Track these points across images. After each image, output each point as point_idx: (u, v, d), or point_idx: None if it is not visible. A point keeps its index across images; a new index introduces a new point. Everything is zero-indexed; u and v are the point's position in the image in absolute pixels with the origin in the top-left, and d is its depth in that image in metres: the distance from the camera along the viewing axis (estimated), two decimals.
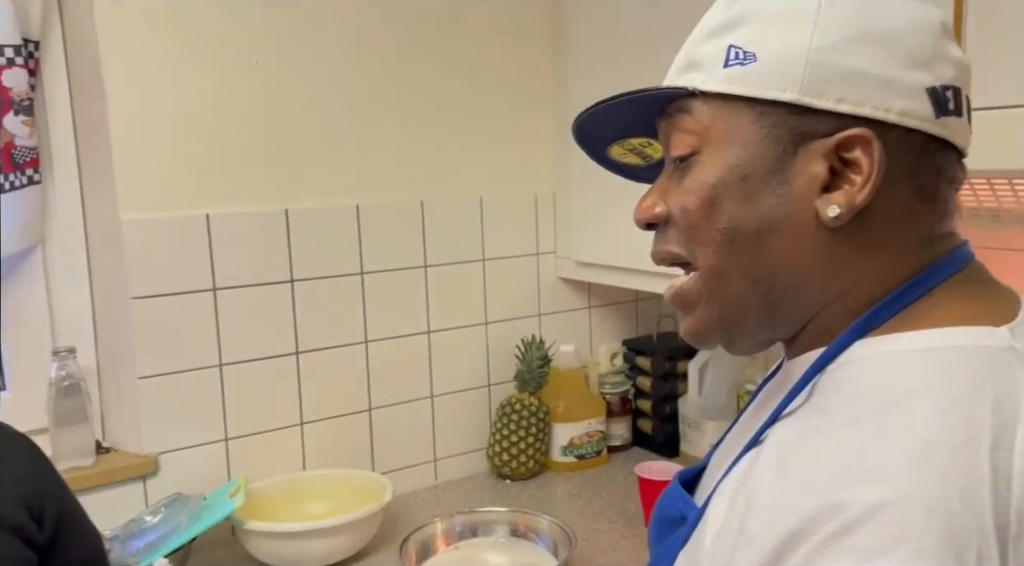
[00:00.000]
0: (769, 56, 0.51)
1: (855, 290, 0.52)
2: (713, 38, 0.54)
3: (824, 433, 0.47)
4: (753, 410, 0.63)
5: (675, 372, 1.74)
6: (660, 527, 0.62)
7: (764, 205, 0.52)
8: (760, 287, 0.54)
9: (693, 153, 0.54)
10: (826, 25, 0.50)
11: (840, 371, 0.51)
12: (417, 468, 1.61)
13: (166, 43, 1.30)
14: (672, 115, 0.56)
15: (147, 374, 1.33)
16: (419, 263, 1.57)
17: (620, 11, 1.49)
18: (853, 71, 0.50)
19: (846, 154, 0.50)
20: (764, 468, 0.49)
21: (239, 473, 1.40)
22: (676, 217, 0.56)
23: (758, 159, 0.52)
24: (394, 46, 1.51)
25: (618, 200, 1.59)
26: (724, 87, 0.52)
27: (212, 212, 1.36)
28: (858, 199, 0.50)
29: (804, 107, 0.50)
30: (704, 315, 0.56)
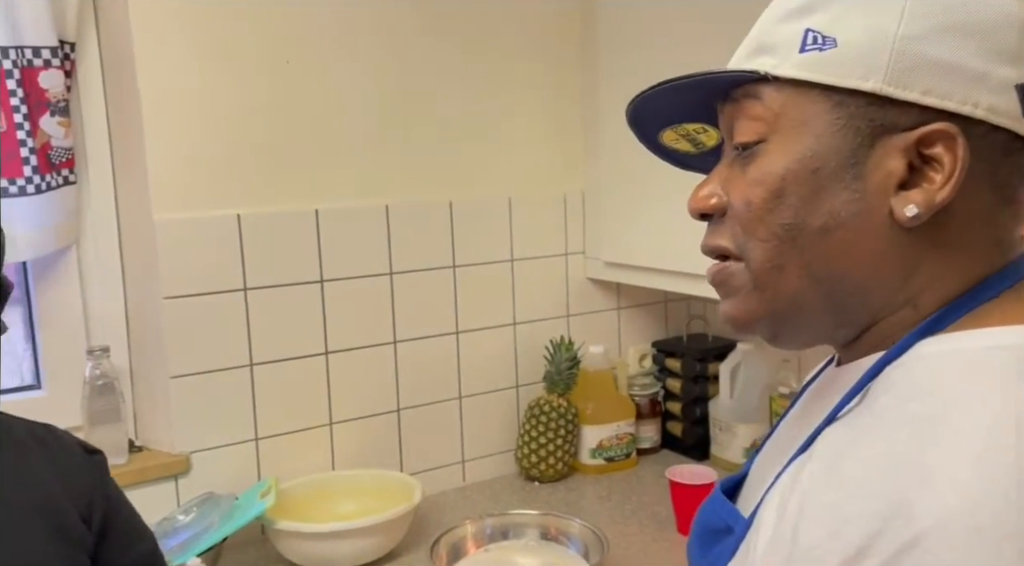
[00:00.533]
0: (851, 42, 0.48)
1: (925, 293, 0.50)
2: (788, 21, 0.50)
3: (878, 434, 0.45)
4: (796, 416, 0.61)
5: (705, 374, 1.71)
6: (703, 538, 0.60)
7: (835, 200, 0.49)
8: (822, 286, 0.51)
9: (760, 141, 0.51)
10: (914, 12, 0.47)
11: (897, 371, 0.49)
12: (445, 469, 1.60)
13: (199, 44, 1.31)
14: (739, 100, 0.53)
15: (179, 374, 1.33)
16: (448, 263, 1.56)
17: (650, 9, 1.48)
18: (941, 62, 0.47)
19: (927, 150, 0.48)
20: (815, 473, 0.47)
21: (268, 473, 1.41)
22: (737, 209, 0.53)
23: (832, 151, 0.49)
24: (423, 46, 1.50)
25: (647, 200, 1.58)
26: (799, 73, 0.49)
27: (243, 212, 1.36)
28: (938, 198, 0.47)
29: (885, 98, 0.47)
30: (749, 305, 0.54)
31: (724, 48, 1.36)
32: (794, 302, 0.52)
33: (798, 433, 0.55)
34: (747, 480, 0.63)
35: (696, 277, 1.48)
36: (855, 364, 0.53)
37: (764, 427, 1.60)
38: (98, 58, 1.33)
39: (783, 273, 0.51)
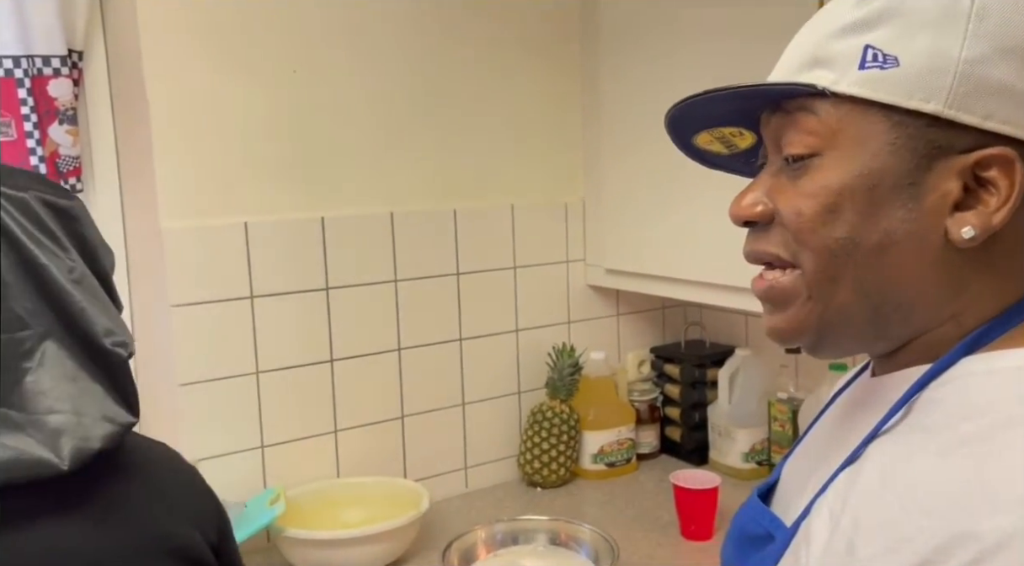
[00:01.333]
0: (914, 62, 0.48)
1: (969, 310, 0.51)
2: (846, 36, 0.50)
3: (933, 453, 0.46)
4: (833, 424, 0.61)
5: (704, 380, 1.74)
6: (742, 544, 0.61)
7: (890, 219, 0.50)
8: (871, 300, 0.52)
9: (813, 154, 0.51)
10: (977, 34, 0.47)
11: (944, 388, 0.50)
12: (448, 476, 1.61)
13: (207, 52, 1.32)
14: (792, 112, 0.52)
15: (186, 381, 1.34)
16: (451, 271, 1.58)
17: (650, 20, 1.50)
18: (1003, 86, 0.47)
19: (982, 173, 0.48)
20: (868, 487, 0.48)
21: (274, 480, 1.41)
22: (787, 219, 0.52)
23: (889, 170, 0.49)
24: (428, 57, 1.52)
25: (647, 208, 1.61)
26: (860, 91, 0.49)
27: (250, 220, 1.37)
28: (994, 220, 0.48)
29: (945, 120, 0.48)
30: (800, 316, 0.54)
31: (726, 58, 1.39)
32: (842, 314, 0.52)
33: (838, 443, 0.56)
34: (780, 485, 0.64)
35: (694, 284, 1.50)
36: (897, 376, 0.54)
37: (763, 432, 1.63)
38: (105, 66, 1.34)
39: (836, 285, 0.51)
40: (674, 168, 1.48)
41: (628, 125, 1.59)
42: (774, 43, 1.26)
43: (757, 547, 0.58)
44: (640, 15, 1.53)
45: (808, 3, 1.18)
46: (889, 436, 0.50)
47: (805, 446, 0.65)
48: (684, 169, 1.44)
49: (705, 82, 1.54)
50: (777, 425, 1.60)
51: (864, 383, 0.60)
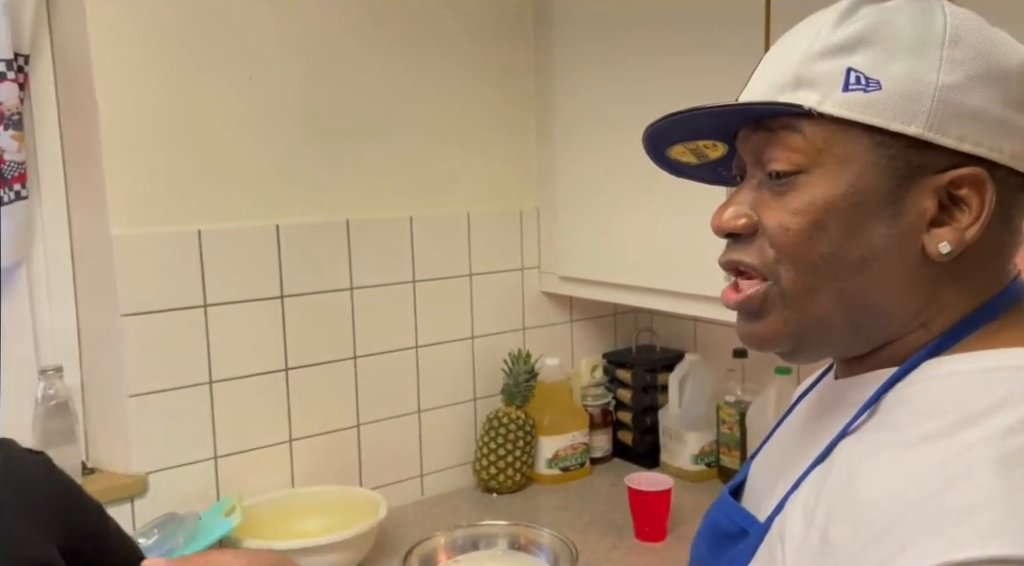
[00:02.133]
0: (895, 86, 0.50)
1: (938, 317, 0.54)
2: (828, 58, 0.52)
3: (899, 448, 0.49)
4: (802, 425, 0.64)
5: (655, 384, 1.78)
6: (714, 541, 0.63)
7: (872, 235, 0.52)
8: (850, 310, 0.54)
9: (799, 171, 0.53)
10: (952, 61, 0.50)
11: (909, 389, 0.53)
12: (404, 483, 1.61)
13: (160, 58, 1.30)
14: (776, 130, 0.54)
15: (137, 392, 1.31)
16: (407, 278, 1.58)
17: (603, 26, 1.54)
18: (975, 110, 0.50)
19: (956, 191, 0.51)
20: (839, 483, 0.50)
21: (228, 491, 1.39)
22: (773, 233, 0.54)
23: (872, 188, 0.51)
24: (382, 64, 1.52)
25: (599, 216, 1.64)
26: (846, 112, 0.51)
27: (204, 228, 1.35)
28: (967, 236, 0.51)
29: (924, 142, 0.50)
30: (777, 325, 0.55)
31: (678, 60, 1.43)
32: (820, 323, 0.55)
33: (807, 442, 0.58)
34: (748, 483, 0.67)
35: (645, 290, 1.54)
36: (862, 378, 0.57)
37: (712, 434, 1.68)
38: (52, 71, 1.30)
39: (814, 297, 0.54)
40: (626, 176, 1.52)
41: (582, 132, 1.62)
42: (726, 46, 1.31)
43: (730, 543, 0.60)
44: (593, 21, 1.56)
45: (755, 3, 1.23)
46: (857, 434, 0.53)
47: (772, 446, 0.67)
48: (637, 177, 1.49)
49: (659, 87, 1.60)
50: (725, 428, 1.65)
51: (829, 385, 0.62)
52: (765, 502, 0.59)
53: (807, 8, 1.24)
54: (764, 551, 0.55)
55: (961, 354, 0.53)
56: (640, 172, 1.50)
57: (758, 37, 1.23)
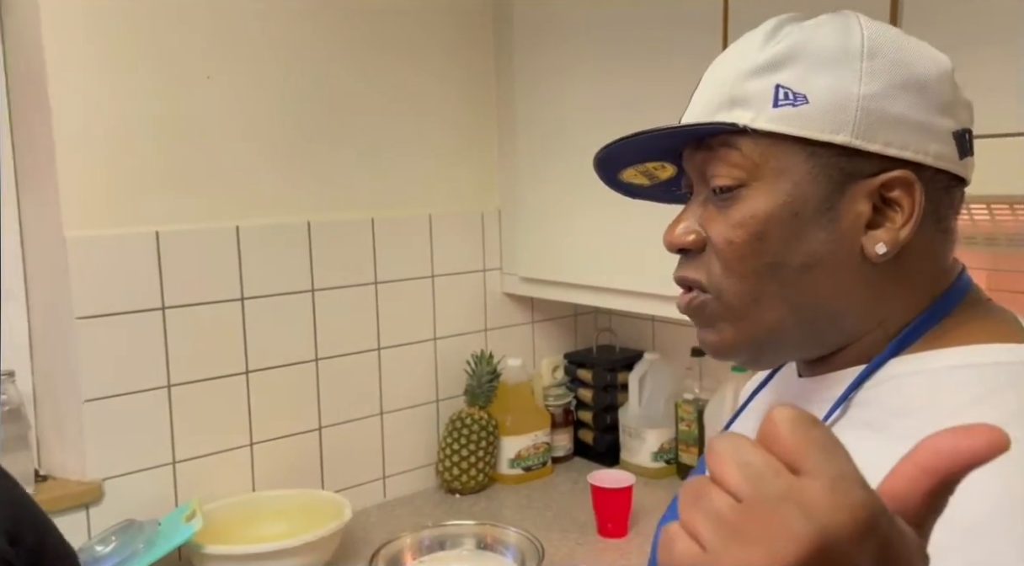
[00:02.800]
0: (821, 99, 0.53)
1: (892, 316, 0.56)
2: (758, 76, 0.55)
3: (878, 447, 0.49)
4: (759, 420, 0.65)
5: (615, 383, 1.80)
6: None
7: (812, 241, 0.54)
8: (803, 314, 0.56)
9: (739, 186, 0.56)
10: (872, 71, 0.53)
11: (878, 388, 0.55)
12: (367, 486, 1.60)
13: (115, 58, 1.27)
14: (716, 148, 0.57)
15: (92, 397, 1.28)
16: (369, 280, 1.58)
17: (563, 29, 1.55)
18: (897, 117, 0.53)
19: (888, 194, 0.54)
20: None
21: (187, 497, 1.37)
22: (718, 246, 0.57)
23: (809, 196, 0.54)
24: (344, 67, 1.52)
25: (560, 218, 1.66)
26: (777, 127, 0.54)
27: (161, 229, 1.33)
28: (901, 236, 0.54)
29: (852, 149, 0.53)
30: (729, 334, 0.58)
31: (637, 64, 1.45)
32: (774, 330, 0.57)
33: None
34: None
35: (605, 290, 1.57)
36: (829, 377, 0.59)
37: (670, 432, 1.71)
38: (2, 70, 1.27)
39: (759, 305, 0.56)
40: (586, 178, 1.53)
41: (543, 135, 1.63)
42: (685, 51, 1.34)
43: None
44: (552, 26, 1.58)
45: (712, 6, 1.26)
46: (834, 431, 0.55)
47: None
48: (596, 179, 1.51)
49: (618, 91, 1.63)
50: (684, 425, 1.68)
51: (793, 383, 0.64)
52: None
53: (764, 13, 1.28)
54: None
55: (926, 352, 0.55)
56: None
57: (716, 42, 1.26)
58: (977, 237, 0.94)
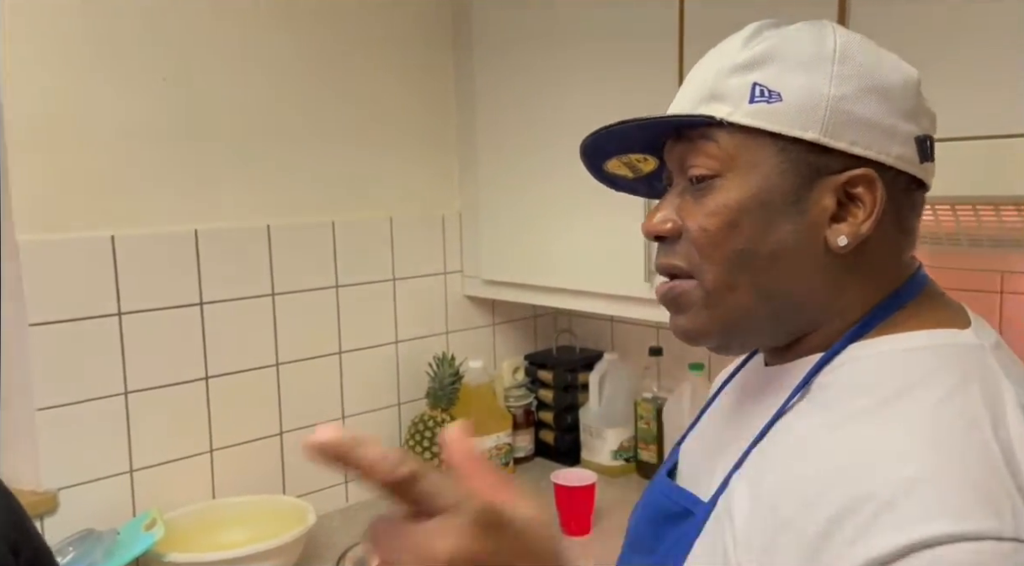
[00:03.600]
0: (793, 98, 0.57)
1: (851, 306, 0.60)
2: (737, 74, 0.58)
3: (833, 426, 0.54)
4: (733, 409, 0.68)
5: (575, 384, 1.83)
6: (658, 522, 0.67)
7: (780, 231, 0.58)
8: (770, 302, 0.59)
9: (714, 176, 0.59)
10: (842, 75, 0.57)
11: (836, 371, 0.58)
12: (329, 491, 1.60)
13: (71, 59, 1.25)
14: (694, 140, 0.60)
15: (45, 405, 1.25)
16: (331, 283, 1.57)
17: (523, 33, 1.57)
18: (864, 119, 0.57)
19: (852, 190, 0.58)
20: (781, 459, 0.55)
21: (144, 505, 1.35)
22: (693, 234, 0.60)
23: (778, 189, 0.58)
24: (303, 70, 1.51)
25: (520, 220, 1.68)
26: (752, 121, 0.57)
27: (117, 233, 1.31)
28: (863, 230, 0.57)
29: (821, 146, 0.57)
30: (703, 320, 0.61)
31: (595, 67, 1.48)
32: (743, 317, 0.60)
33: (743, 424, 0.63)
34: (681, 467, 0.71)
35: (564, 292, 1.59)
36: (792, 365, 0.62)
37: (630, 430, 1.74)
38: None
39: (734, 292, 0.59)
40: (546, 180, 1.57)
41: (502, 137, 1.65)
42: (642, 56, 1.37)
43: (674, 523, 0.64)
44: (511, 28, 1.59)
45: (668, 11, 1.30)
46: (792, 414, 0.59)
47: (701, 431, 0.72)
48: (556, 181, 1.54)
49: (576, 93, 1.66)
50: (643, 423, 1.71)
51: (759, 372, 0.67)
52: (704, 482, 0.63)
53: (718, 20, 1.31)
54: (712, 527, 0.59)
55: (880, 337, 0.59)
56: (559, 176, 1.56)
57: (672, 47, 1.30)
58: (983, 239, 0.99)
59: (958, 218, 1.00)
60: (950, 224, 1.02)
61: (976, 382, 0.53)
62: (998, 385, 0.53)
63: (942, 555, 0.44)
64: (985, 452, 0.49)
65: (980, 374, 0.54)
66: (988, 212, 0.98)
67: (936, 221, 1.02)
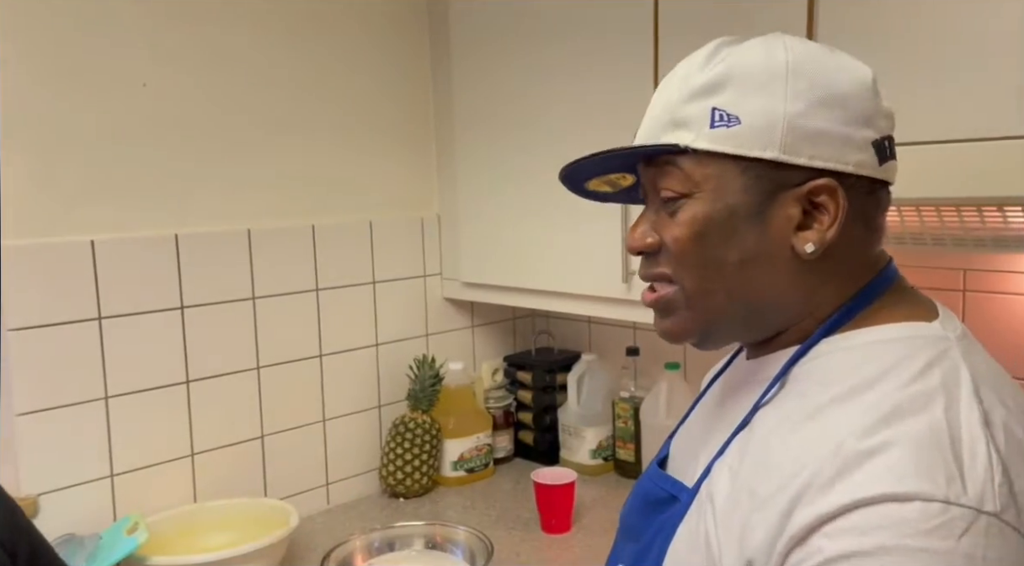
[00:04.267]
0: (751, 120, 0.60)
1: (821, 306, 0.64)
2: (695, 100, 0.62)
3: (809, 412, 0.58)
4: (717, 402, 0.73)
5: (554, 384, 1.85)
6: (646, 508, 0.71)
7: (746, 241, 0.62)
8: (743, 305, 0.64)
9: (683, 196, 0.63)
10: (796, 92, 0.60)
11: (810, 363, 0.63)
12: (310, 493, 1.60)
13: (49, 63, 1.25)
14: (661, 165, 0.64)
15: (25, 411, 1.25)
16: (311, 287, 1.58)
17: (500, 34, 1.58)
18: (820, 132, 0.60)
19: (815, 199, 0.61)
20: (760, 446, 0.59)
21: (125, 510, 1.34)
22: (669, 245, 0.65)
23: (742, 204, 0.62)
24: (281, 74, 1.52)
25: (498, 223, 1.70)
26: (714, 146, 0.61)
27: (97, 238, 1.31)
28: (828, 236, 0.61)
29: (781, 163, 0.60)
30: (685, 321, 0.66)
31: (572, 66, 1.50)
32: (720, 318, 0.65)
33: (725, 416, 0.68)
34: (672, 457, 0.75)
35: (543, 293, 1.61)
36: (768, 358, 0.67)
37: (608, 429, 1.76)
38: None
39: (710, 295, 0.64)
40: (524, 183, 1.59)
41: (480, 140, 1.66)
42: (617, 53, 1.40)
43: (661, 508, 0.68)
44: (487, 29, 1.60)
45: (644, 8, 1.32)
46: (771, 405, 0.63)
47: (691, 422, 0.77)
48: (534, 184, 1.56)
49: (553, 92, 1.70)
50: (621, 422, 1.74)
51: (741, 365, 0.72)
52: (690, 470, 0.68)
53: (691, 16, 1.34)
54: (694, 511, 0.63)
55: (850, 332, 0.63)
56: (537, 179, 1.58)
57: (646, 43, 1.32)
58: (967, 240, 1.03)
59: (923, 219, 1.04)
60: (915, 224, 1.06)
61: (938, 368, 0.58)
62: (957, 374, 0.58)
63: (876, 511, 0.50)
64: (932, 427, 0.54)
65: (942, 363, 0.58)
66: (950, 213, 1.02)
67: (901, 221, 1.06)
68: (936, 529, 0.49)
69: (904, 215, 1.06)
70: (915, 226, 1.06)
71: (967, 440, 0.54)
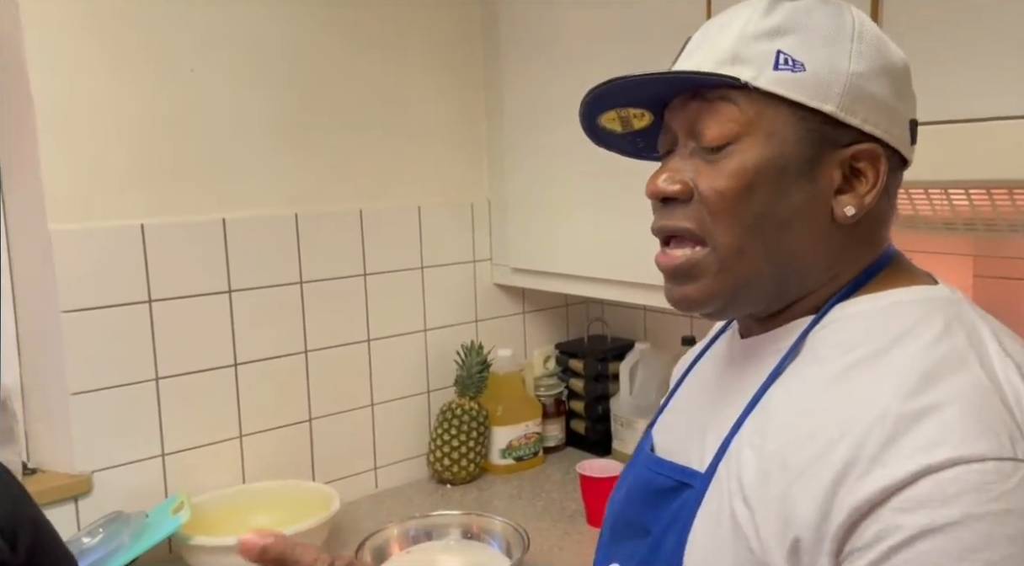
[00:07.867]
0: (817, 69, 0.57)
1: (841, 274, 0.61)
2: (761, 40, 0.58)
3: (833, 378, 0.55)
4: (715, 381, 0.68)
5: (606, 373, 1.80)
6: (649, 499, 0.65)
7: (793, 198, 0.58)
8: (778, 267, 0.60)
9: (730, 141, 0.58)
10: (860, 53, 0.58)
11: (825, 329, 0.60)
12: (358, 477, 1.61)
13: (98, 50, 1.27)
14: (712, 101, 0.59)
15: (79, 390, 1.28)
16: (359, 271, 1.57)
17: (551, 20, 1.55)
18: (874, 97, 0.58)
19: (856, 164, 0.59)
20: (784, 417, 0.56)
21: (176, 489, 1.37)
22: (708, 197, 0.59)
23: (793, 157, 0.58)
24: (331, 57, 1.51)
25: (550, 208, 1.66)
26: (776, 88, 0.57)
27: (147, 222, 1.33)
28: (867, 201, 0.59)
29: (835, 119, 0.57)
30: (712, 285, 0.60)
31: (620, 56, 1.45)
32: (749, 282, 0.60)
33: (730, 394, 0.63)
34: (661, 445, 0.70)
35: (597, 281, 1.56)
36: (780, 330, 0.63)
37: None
38: None
39: (744, 255, 0.59)
40: (575, 168, 1.54)
41: (530, 125, 1.63)
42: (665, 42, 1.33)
43: (670, 497, 0.63)
44: (540, 15, 1.57)
45: (696, 8, 1.25)
46: (787, 375, 0.59)
47: (683, 406, 0.71)
48: (585, 169, 1.51)
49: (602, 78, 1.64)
50: None
51: (737, 345, 0.67)
52: (696, 454, 0.63)
53: None
54: (713, 494, 0.59)
55: (864, 296, 0.61)
56: (589, 164, 1.53)
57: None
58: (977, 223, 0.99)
59: (932, 202, 1.02)
60: (925, 208, 1.04)
61: (959, 327, 0.56)
62: (978, 330, 0.56)
63: (949, 477, 0.48)
64: (977, 385, 0.52)
65: (962, 321, 0.57)
66: (960, 196, 0.99)
67: (912, 205, 1.04)
68: (1016, 488, 0.47)
69: (913, 197, 1.02)
70: (925, 210, 1.03)
71: (1011, 394, 0.52)
